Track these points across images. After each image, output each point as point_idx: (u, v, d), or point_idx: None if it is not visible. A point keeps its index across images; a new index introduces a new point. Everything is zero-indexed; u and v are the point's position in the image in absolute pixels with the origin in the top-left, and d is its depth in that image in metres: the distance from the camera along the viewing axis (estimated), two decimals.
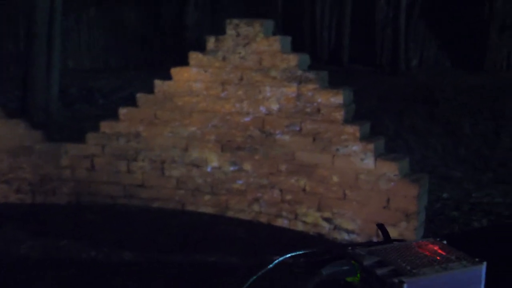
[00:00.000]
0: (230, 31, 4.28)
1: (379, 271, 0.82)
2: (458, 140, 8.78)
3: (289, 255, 1.01)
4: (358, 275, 0.87)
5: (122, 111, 4.64)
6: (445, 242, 0.89)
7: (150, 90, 10.38)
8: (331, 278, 0.87)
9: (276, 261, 0.95)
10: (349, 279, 0.88)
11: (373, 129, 4.10)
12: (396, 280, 0.79)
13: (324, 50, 12.08)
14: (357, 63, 11.64)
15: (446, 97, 9.63)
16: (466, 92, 9.85)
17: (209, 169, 4.50)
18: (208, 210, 4.57)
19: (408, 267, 0.81)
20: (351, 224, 3.98)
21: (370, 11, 12.14)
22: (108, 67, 13.17)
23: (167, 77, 4.65)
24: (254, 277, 0.93)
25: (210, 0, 13.50)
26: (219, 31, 14.30)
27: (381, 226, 1.07)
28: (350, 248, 0.90)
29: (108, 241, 4.19)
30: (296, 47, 4.34)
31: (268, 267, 0.93)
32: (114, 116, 4.78)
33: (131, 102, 10.39)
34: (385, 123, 8.49)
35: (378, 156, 3.82)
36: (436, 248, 0.87)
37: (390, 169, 3.75)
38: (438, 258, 0.84)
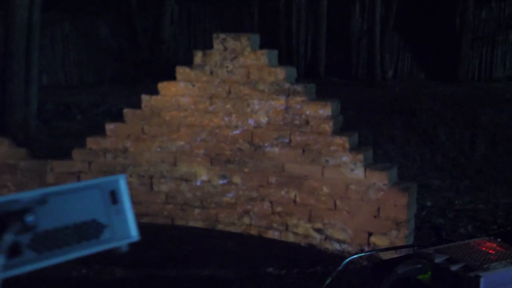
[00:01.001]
0: (217, 45, 4.31)
1: (453, 268, 0.86)
2: (435, 149, 8.97)
3: (356, 256, 1.04)
4: (429, 272, 0.90)
5: (109, 126, 4.61)
6: (499, 240, 0.94)
7: (128, 105, 10.29)
8: (404, 276, 0.90)
9: (345, 261, 0.98)
10: (420, 277, 0.91)
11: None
12: (472, 275, 0.83)
13: (301, 63, 12.23)
14: (333, 75, 11.82)
15: (422, 107, 9.85)
16: (441, 102, 10.10)
17: (198, 183, 4.50)
18: (198, 224, 4.56)
19: (478, 263, 0.86)
20: (342, 234, 4.02)
21: (345, 24, 12.37)
22: (83, 83, 13.04)
23: (144, 91, 4.66)
24: (329, 280, 0.95)
25: (186, 14, 13.54)
26: (196, 45, 14.28)
27: (435, 229, 1.12)
28: (416, 248, 0.94)
29: (98, 258, 4.12)
30: None
31: (338, 268, 0.96)
32: (95, 132, 4.75)
33: (110, 117, 10.30)
34: (364, 133, 8.62)
35: (367, 166, 3.89)
36: (494, 245, 0.92)
37: (379, 178, 3.82)
38: (500, 254, 0.89)
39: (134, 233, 0.49)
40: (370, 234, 3.91)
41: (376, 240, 3.89)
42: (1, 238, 0.42)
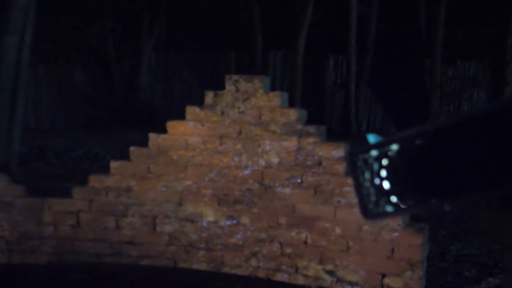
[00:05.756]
0: (229, 86, 4.37)
1: None
2: None
3: None
4: None
5: (114, 164, 4.52)
6: None
7: (104, 150, 10.05)
8: None
9: None
10: None
11: None
12: None
13: None
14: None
15: None
16: None
17: (204, 224, 4.42)
18: (202, 266, 4.44)
19: None
20: (354, 276, 4.01)
21: (319, 77, 12.80)
22: (55, 127, 12.77)
23: (118, 137, 4.63)
24: None
25: (163, 62, 13.67)
26: (172, 92, 14.26)
27: None
28: None
29: None
30: None
31: None
32: (75, 175, 4.63)
33: (87, 161, 9.99)
34: None
35: None
36: None
37: (393, 219, 3.87)
38: None
39: None
40: (383, 276, 3.91)
41: (389, 281, 3.89)
42: None
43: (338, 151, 4.09)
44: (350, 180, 3.99)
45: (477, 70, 12.25)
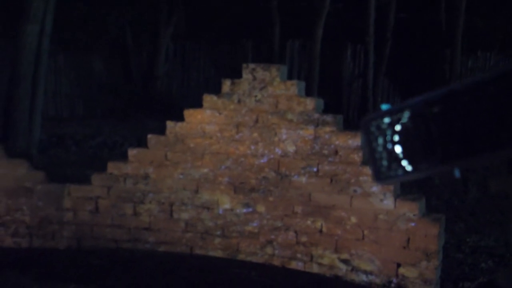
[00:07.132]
0: (246, 75, 4.38)
1: None
2: (430, 192, 9.10)
3: None
4: None
5: (132, 152, 4.57)
6: None
7: (123, 137, 10.10)
8: None
9: None
10: None
11: None
12: None
13: None
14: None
15: None
16: None
17: (220, 211, 4.46)
18: (218, 253, 4.49)
19: None
20: (369, 265, 4.01)
21: (336, 68, 12.71)
22: (74, 115, 12.93)
23: (137, 125, 4.66)
24: None
25: (180, 51, 13.71)
26: (189, 81, 14.28)
27: None
28: None
29: (117, 287, 4.01)
30: None
31: None
32: (94, 163, 4.69)
33: (106, 149, 10.10)
34: None
35: (397, 196, 3.94)
36: None
37: (410, 209, 3.86)
38: None
39: None
40: (398, 265, 3.91)
41: (405, 271, 3.89)
42: None
43: (354, 141, 4.08)
44: (366, 170, 3.99)
45: (497, 61, 12.04)
